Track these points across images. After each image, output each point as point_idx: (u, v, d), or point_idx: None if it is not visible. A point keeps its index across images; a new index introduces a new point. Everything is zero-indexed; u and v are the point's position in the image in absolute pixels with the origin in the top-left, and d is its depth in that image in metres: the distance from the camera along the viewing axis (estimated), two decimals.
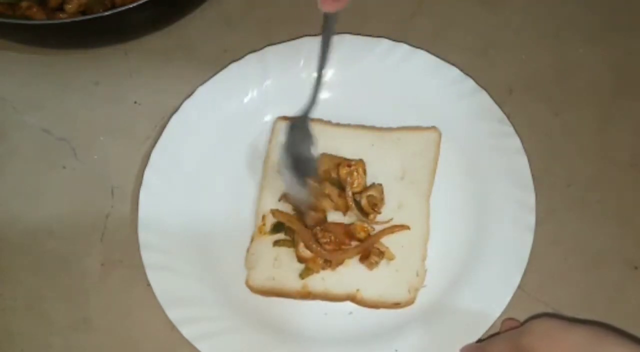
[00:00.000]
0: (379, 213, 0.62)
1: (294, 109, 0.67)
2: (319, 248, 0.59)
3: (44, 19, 0.70)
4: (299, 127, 0.58)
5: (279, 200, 0.63)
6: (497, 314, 0.57)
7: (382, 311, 0.59)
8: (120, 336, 0.60)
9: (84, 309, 0.61)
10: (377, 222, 0.61)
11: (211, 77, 0.68)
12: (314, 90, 0.57)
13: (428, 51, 0.68)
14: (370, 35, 0.70)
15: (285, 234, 0.61)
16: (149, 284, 0.58)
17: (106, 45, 0.73)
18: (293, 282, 0.60)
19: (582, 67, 0.71)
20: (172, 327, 0.57)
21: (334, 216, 0.62)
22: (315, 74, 0.68)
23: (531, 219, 0.60)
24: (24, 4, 0.70)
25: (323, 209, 0.61)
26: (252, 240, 0.62)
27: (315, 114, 0.67)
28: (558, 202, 0.63)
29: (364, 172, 0.62)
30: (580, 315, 0.59)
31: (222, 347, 0.56)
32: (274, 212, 0.62)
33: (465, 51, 0.70)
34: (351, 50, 0.69)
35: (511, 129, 0.64)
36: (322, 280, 0.60)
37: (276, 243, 0.61)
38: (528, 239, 0.59)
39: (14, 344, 0.60)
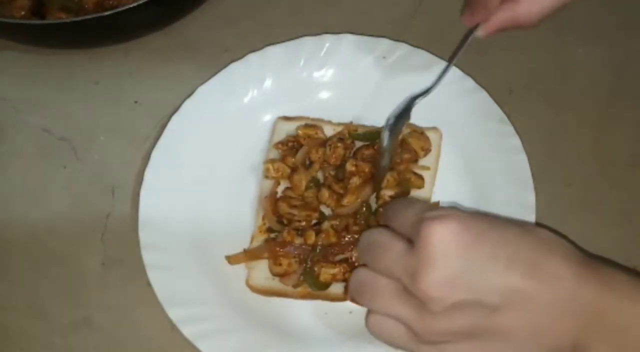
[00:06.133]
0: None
1: (294, 109, 0.68)
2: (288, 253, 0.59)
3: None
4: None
5: (265, 197, 0.63)
6: None
7: None
8: (120, 335, 0.60)
9: (84, 309, 0.61)
10: None
11: (211, 76, 0.68)
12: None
13: (428, 51, 0.68)
14: (370, 35, 0.70)
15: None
16: (149, 284, 0.58)
17: (106, 45, 0.73)
18: None
19: (582, 67, 0.71)
20: (173, 327, 0.57)
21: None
22: (315, 74, 0.69)
23: (531, 219, 0.60)
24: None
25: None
26: (252, 240, 0.62)
27: (316, 114, 0.67)
28: (558, 202, 0.63)
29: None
30: None
31: (222, 346, 0.56)
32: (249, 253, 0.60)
33: (465, 51, 0.70)
34: (351, 50, 0.69)
35: (511, 129, 0.64)
36: None
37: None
38: None
39: (14, 343, 0.60)
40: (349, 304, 0.59)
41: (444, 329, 0.44)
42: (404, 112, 0.63)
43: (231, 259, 0.60)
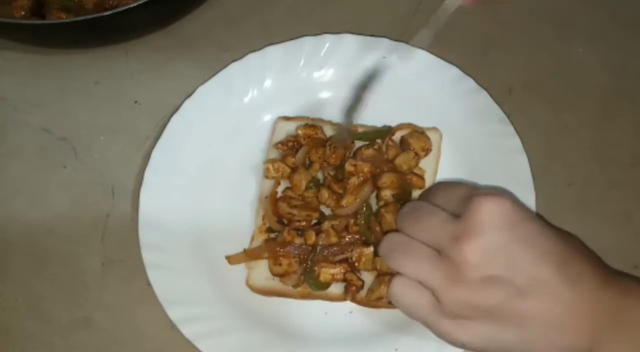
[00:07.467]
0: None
1: (294, 109, 0.68)
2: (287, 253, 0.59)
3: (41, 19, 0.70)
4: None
5: (265, 197, 0.63)
6: None
7: (382, 310, 0.59)
8: (120, 335, 0.60)
9: (85, 309, 0.61)
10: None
11: (211, 76, 0.68)
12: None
13: (428, 51, 0.68)
14: (370, 35, 0.70)
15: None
16: (149, 283, 0.58)
17: (106, 45, 0.73)
18: None
19: (582, 67, 0.71)
20: (173, 327, 0.57)
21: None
22: (315, 74, 0.69)
23: None
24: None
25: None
26: (252, 240, 0.62)
27: (316, 114, 0.68)
28: (558, 202, 0.63)
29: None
30: None
31: (222, 346, 0.56)
32: (248, 252, 0.60)
33: (465, 51, 0.70)
34: (351, 50, 0.69)
35: (511, 129, 0.64)
36: None
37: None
38: None
39: (14, 344, 0.60)
40: (349, 304, 0.59)
41: (469, 300, 0.44)
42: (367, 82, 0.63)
43: (231, 259, 0.60)
